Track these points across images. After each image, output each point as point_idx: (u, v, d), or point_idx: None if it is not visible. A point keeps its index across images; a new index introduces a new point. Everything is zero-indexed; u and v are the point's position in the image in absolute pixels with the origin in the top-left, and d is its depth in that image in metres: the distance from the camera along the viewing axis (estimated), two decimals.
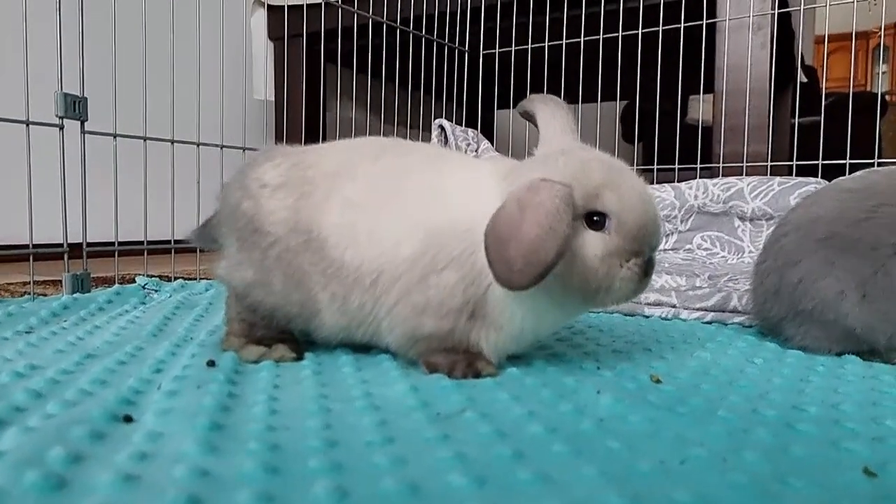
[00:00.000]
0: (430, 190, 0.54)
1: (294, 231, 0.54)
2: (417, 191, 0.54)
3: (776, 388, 0.51)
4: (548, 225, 0.46)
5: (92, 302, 0.82)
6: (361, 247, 0.52)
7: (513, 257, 0.46)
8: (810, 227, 0.64)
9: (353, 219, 0.53)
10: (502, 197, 0.50)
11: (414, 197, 0.54)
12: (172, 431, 0.38)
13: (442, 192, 0.54)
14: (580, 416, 0.42)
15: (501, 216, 0.48)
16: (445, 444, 0.37)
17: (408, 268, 0.51)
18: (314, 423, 0.40)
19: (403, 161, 0.57)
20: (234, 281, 0.56)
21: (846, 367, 0.59)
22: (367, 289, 0.53)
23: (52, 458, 0.33)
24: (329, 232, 0.53)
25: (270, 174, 0.56)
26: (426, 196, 0.54)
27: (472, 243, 0.51)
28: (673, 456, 0.36)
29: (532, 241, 0.46)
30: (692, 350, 0.64)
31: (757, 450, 0.37)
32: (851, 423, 0.42)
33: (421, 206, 0.53)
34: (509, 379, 0.51)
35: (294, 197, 0.54)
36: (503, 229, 0.47)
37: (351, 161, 0.56)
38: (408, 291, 0.52)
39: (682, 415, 0.43)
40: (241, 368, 0.53)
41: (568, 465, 0.34)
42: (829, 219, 0.63)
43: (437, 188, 0.54)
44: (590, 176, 0.50)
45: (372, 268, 0.52)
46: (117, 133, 0.98)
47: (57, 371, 0.50)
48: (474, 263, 0.51)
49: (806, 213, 0.66)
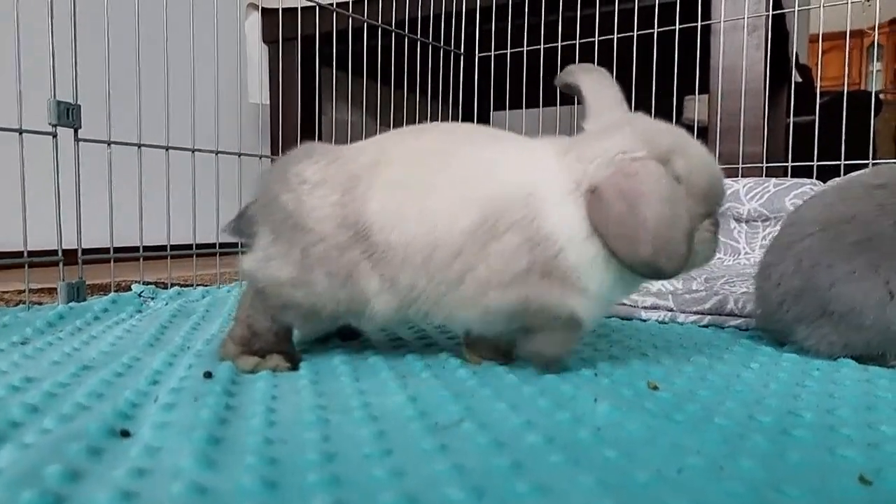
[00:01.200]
0: (482, 162, 0.53)
1: (341, 227, 0.53)
2: (468, 164, 0.53)
3: (772, 394, 0.51)
4: (670, 214, 0.47)
5: (88, 311, 0.82)
6: (409, 225, 0.51)
7: (650, 256, 0.46)
8: (842, 228, 0.61)
9: (397, 199, 0.52)
10: (571, 171, 0.50)
11: (465, 170, 0.53)
12: (170, 446, 0.38)
13: (495, 163, 0.53)
14: (578, 425, 0.42)
15: (614, 213, 0.48)
16: (443, 455, 0.37)
17: (467, 240, 0.50)
18: (312, 435, 0.40)
19: (448, 137, 0.56)
20: (264, 277, 0.55)
21: (842, 370, 0.59)
22: (418, 267, 0.52)
23: (50, 475, 0.33)
24: (374, 218, 0.52)
25: (310, 170, 0.55)
26: (479, 168, 0.53)
27: (533, 209, 0.50)
28: (670, 465, 0.36)
29: (663, 237, 0.46)
30: (689, 355, 0.64)
31: (753, 457, 0.37)
32: (847, 428, 0.42)
33: (474, 177, 0.52)
34: (507, 387, 0.51)
35: (338, 193, 0.53)
36: (624, 228, 0.47)
37: (388, 147, 0.56)
38: (470, 266, 0.51)
39: (679, 422, 0.43)
40: (238, 379, 0.53)
41: (565, 476, 0.35)
42: (867, 219, 0.60)
43: (489, 160, 0.53)
44: (658, 143, 0.50)
45: (423, 244, 0.51)
46: (112, 140, 0.98)
47: (53, 384, 0.50)
48: (539, 228, 0.50)
49: (832, 213, 0.63)
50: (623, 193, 0.47)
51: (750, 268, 1.28)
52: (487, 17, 1.82)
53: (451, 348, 0.65)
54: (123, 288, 1.03)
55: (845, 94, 1.48)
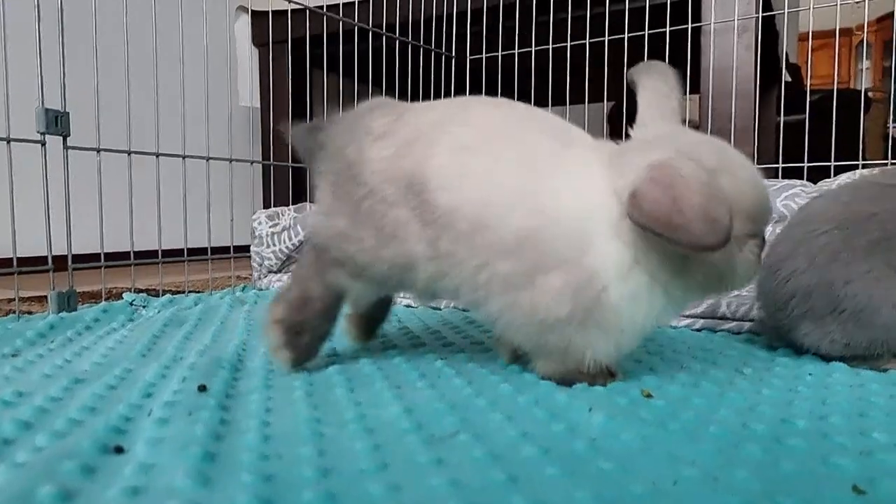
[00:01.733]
0: (549, 157, 0.52)
1: (389, 181, 0.52)
2: (538, 151, 0.52)
3: (765, 400, 0.51)
4: (710, 192, 0.45)
5: (79, 321, 0.81)
6: (465, 190, 0.50)
7: (696, 231, 0.44)
8: (860, 226, 0.61)
9: (462, 161, 0.51)
10: (616, 190, 0.48)
11: (533, 156, 0.51)
12: (164, 463, 0.37)
13: (559, 164, 0.51)
14: (573, 436, 0.42)
15: (654, 202, 0.45)
16: (439, 469, 0.37)
17: (516, 249, 0.49)
18: (307, 450, 0.40)
19: (527, 113, 0.55)
20: (322, 230, 0.54)
21: (834, 375, 0.59)
22: (460, 236, 0.50)
23: (43, 496, 0.33)
24: (431, 174, 0.51)
25: (378, 122, 0.55)
26: (546, 163, 0.51)
27: (583, 245, 0.49)
28: (665, 476, 0.36)
29: (704, 211, 0.44)
30: (682, 361, 0.64)
31: (747, 467, 0.37)
32: (840, 436, 0.43)
33: (538, 172, 0.51)
34: (502, 398, 0.51)
35: (396, 146, 0.53)
36: (665, 211, 0.45)
37: (463, 107, 0.55)
38: (513, 284, 0.50)
39: (673, 431, 0.43)
40: (232, 392, 0.52)
41: (561, 489, 0.35)
42: (885, 217, 0.61)
43: (556, 156, 0.52)
44: (703, 160, 0.48)
45: (473, 215, 0.50)
46: (101, 148, 0.97)
47: (45, 398, 0.49)
48: (586, 267, 0.49)
49: (849, 211, 0.63)
50: (662, 184, 0.45)
51: None
52: (478, 19, 1.82)
53: (445, 356, 0.65)
54: (115, 295, 1.03)
55: (835, 93, 1.49)
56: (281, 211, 1.21)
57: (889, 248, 0.60)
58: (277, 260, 1.19)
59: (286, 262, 1.21)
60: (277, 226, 1.18)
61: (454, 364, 0.61)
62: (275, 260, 1.19)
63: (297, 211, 1.21)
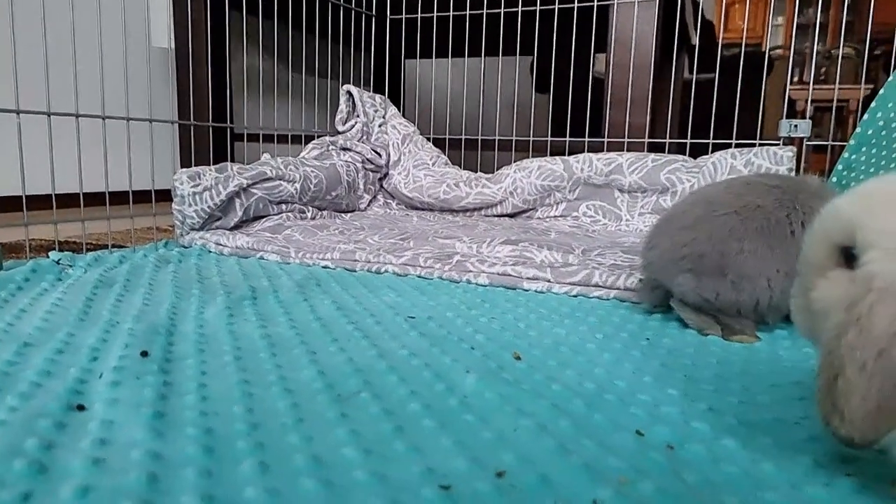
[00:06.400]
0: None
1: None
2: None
3: (603, 363, 0.66)
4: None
5: (10, 281, 0.86)
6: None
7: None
8: (751, 214, 0.78)
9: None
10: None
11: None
12: (122, 420, 0.47)
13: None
14: (449, 394, 0.55)
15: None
16: (343, 422, 0.49)
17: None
18: (239, 408, 0.50)
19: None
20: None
21: (686, 339, 0.75)
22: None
23: (29, 446, 0.42)
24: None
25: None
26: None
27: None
28: (508, 426, 0.50)
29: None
30: (552, 327, 0.79)
31: (569, 418, 0.51)
32: (644, 394, 0.58)
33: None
34: (399, 362, 0.63)
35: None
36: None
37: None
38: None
39: (525, 390, 0.57)
40: (169, 356, 0.62)
41: (433, 437, 0.47)
42: (768, 209, 0.77)
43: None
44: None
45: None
46: (20, 110, 0.99)
47: (3, 362, 0.57)
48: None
49: (741, 201, 0.79)
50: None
51: (625, 235, 1.46)
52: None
53: (358, 323, 0.76)
54: (38, 248, 1.06)
55: (742, 55, 1.65)
56: (202, 171, 1.26)
57: (770, 234, 0.77)
58: (199, 219, 1.24)
59: (207, 220, 1.27)
60: (199, 186, 1.23)
61: (363, 328, 0.73)
62: (196, 219, 1.24)
63: (219, 171, 1.27)
